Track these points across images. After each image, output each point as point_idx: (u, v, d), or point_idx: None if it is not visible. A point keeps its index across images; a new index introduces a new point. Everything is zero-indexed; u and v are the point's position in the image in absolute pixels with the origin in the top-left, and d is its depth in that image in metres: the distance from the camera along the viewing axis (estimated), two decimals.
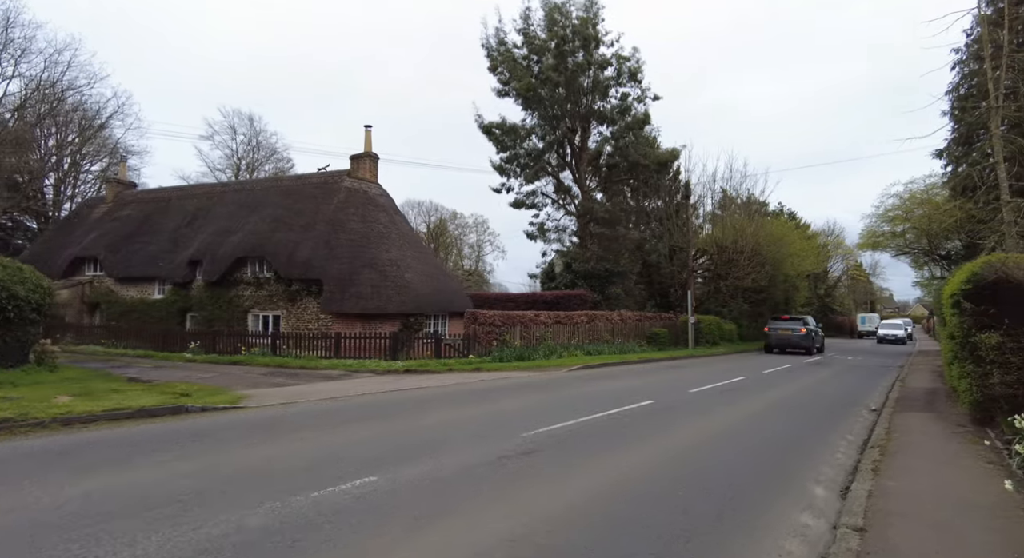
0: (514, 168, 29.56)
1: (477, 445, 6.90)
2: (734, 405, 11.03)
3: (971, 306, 8.44)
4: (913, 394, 12.96)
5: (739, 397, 12.20)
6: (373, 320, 20.84)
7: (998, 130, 18.80)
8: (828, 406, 11.38)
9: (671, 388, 13.24)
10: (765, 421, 9.49)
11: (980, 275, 8.39)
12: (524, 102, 28.27)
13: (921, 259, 35.85)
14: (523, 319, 21.10)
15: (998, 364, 8.11)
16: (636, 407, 10.19)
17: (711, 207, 34.67)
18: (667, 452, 6.98)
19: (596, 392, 12.04)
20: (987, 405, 8.44)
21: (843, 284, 72.62)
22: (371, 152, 24.47)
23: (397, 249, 22.38)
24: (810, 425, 9.28)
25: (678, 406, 10.62)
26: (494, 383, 13.14)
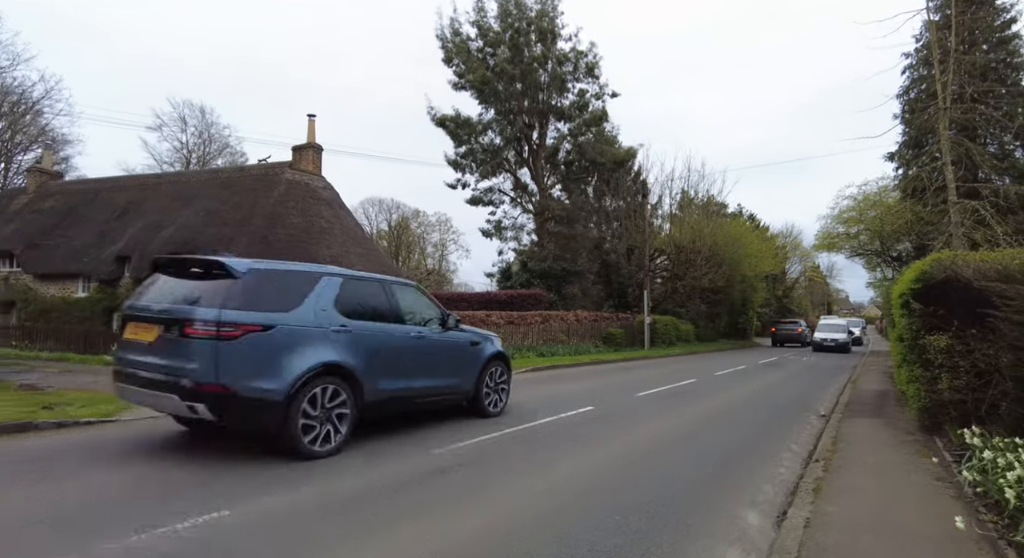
0: (470, 163, 28.69)
1: (380, 465, 5.99)
2: (679, 411, 10.38)
3: (920, 307, 7.94)
4: (863, 397, 12.59)
5: (686, 402, 11.58)
6: None
7: (946, 132, 18.87)
8: (777, 412, 10.84)
9: (618, 392, 12.56)
10: (708, 430, 8.84)
11: (929, 274, 7.90)
12: (479, 95, 27.39)
13: (874, 260, 36.40)
14: (472, 320, 20.18)
15: (947, 368, 7.61)
16: (573, 415, 9.42)
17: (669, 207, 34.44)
18: (586, 471, 6.19)
19: (536, 398, 11.24)
20: (935, 411, 7.95)
21: (801, 285, 74.07)
22: (314, 143, 23.22)
23: (340, 245, 21.21)
24: (755, 434, 8.67)
25: (618, 413, 9.90)
26: None
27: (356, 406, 6.49)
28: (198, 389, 5.48)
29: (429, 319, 7.99)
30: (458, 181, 28.88)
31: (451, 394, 8.30)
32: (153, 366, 5.79)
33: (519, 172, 30.36)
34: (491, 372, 8.95)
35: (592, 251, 30.66)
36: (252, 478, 5.40)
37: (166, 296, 6.11)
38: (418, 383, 7.55)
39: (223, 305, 5.66)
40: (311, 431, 6.01)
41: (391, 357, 7.09)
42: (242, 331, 5.65)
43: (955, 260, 7.81)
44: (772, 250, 44.32)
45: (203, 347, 5.50)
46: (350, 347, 6.49)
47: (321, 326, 6.31)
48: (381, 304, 7.33)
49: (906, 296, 8.08)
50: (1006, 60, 28.59)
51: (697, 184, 34.07)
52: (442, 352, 8.04)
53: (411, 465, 5.99)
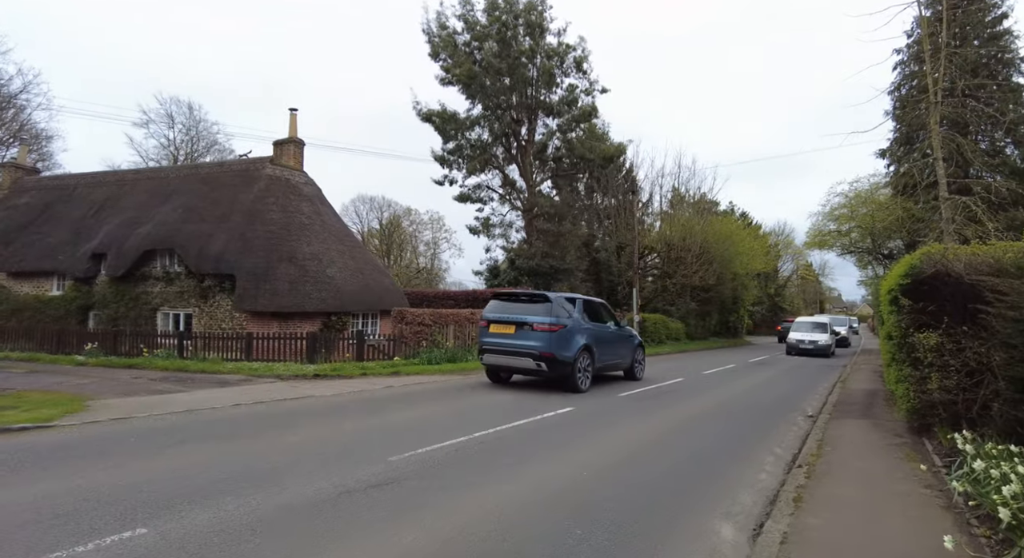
0: (457, 159, 28.20)
1: (324, 474, 5.56)
2: (662, 411, 9.99)
3: (909, 303, 7.57)
4: (852, 397, 12.25)
5: (672, 401, 11.19)
6: (291, 319, 19.17)
7: (937, 126, 18.57)
8: (763, 413, 10.47)
9: (601, 391, 12.15)
10: (692, 432, 8.45)
11: (919, 268, 7.54)
12: (466, 90, 26.90)
13: (865, 258, 36.18)
14: (457, 318, 19.77)
15: (937, 367, 7.25)
16: (551, 416, 9.02)
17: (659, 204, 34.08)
18: (558, 477, 5.78)
19: (514, 399, 10.83)
20: (925, 412, 7.59)
21: (793, 283, 73.99)
22: (296, 137, 22.69)
23: (320, 242, 20.72)
24: (739, 436, 8.28)
25: (599, 414, 9.50)
26: (404, 390, 11.78)
27: (592, 367, 12.20)
28: (541, 355, 11.42)
29: (611, 320, 13.81)
30: (445, 177, 28.41)
31: (622, 366, 14.01)
32: (515, 345, 11.72)
33: (507, 168, 29.90)
34: (637, 353, 14.48)
35: (581, 248, 30.27)
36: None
37: (512, 310, 12.14)
38: (611, 358, 13.27)
39: (548, 315, 11.58)
40: (580, 378, 11.74)
41: (603, 342, 12.78)
42: (559, 328, 11.56)
43: (945, 254, 7.45)
44: (764, 248, 44.07)
45: (544, 335, 11.47)
46: (591, 336, 12.30)
47: (580, 325, 12.22)
48: (595, 312, 13.29)
49: (895, 292, 7.71)
50: (997, 56, 28.40)
51: (687, 181, 33.78)
52: (619, 340, 13.72)
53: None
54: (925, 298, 7.51)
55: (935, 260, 7.46)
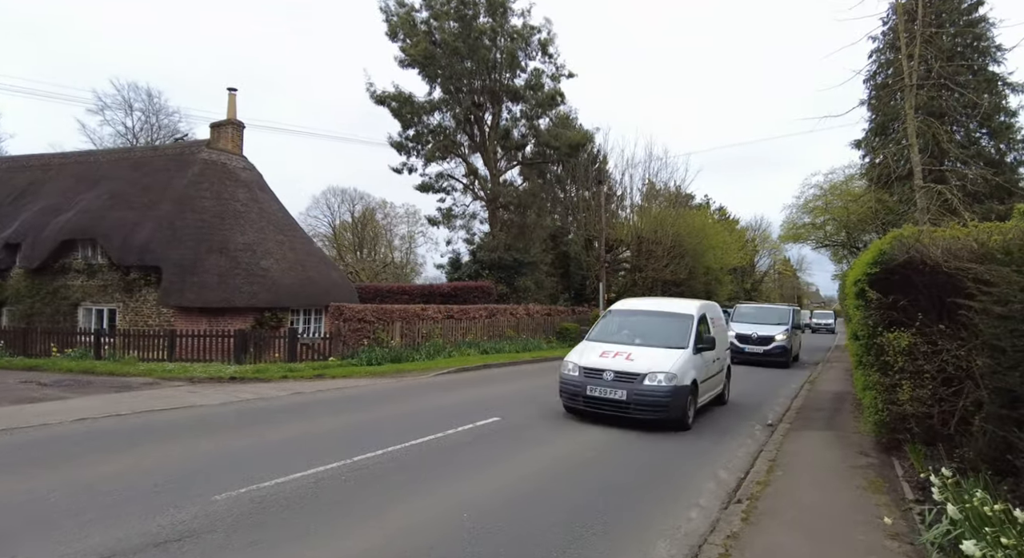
0: (417, 146, 26.67)
1: (109, 523, 4.16)
2: (602, 424, 8.72)
3: (878, 296, 6.36)
4: (819, 401, 11.12)
5: None
6: (221, 315, 17.58)
7: (912, 112, 17.59)
8: (717, 421, 9.26)
9: (543, 396, 10.83)
10: (626, 449, 7.17)
11: (889, 255, 6.32)
12: (425, 72, 25.35)
13: (840, 252, 35.44)
14: (405, 314, 18.35)
15: (909, 374, 6.05)
16: (466, 430, 7.69)
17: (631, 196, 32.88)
18: (431, 524, 4.45)
19: (440, 406, 9.48)
20: (895, 426, 6.40)
21: (770, 279, 73.66)
22: (235, 119, 21.01)
23: (256, 232, 19.11)
24: (681, 453, 7.04)
25: (527, 426, 8.19)
26: (319, 396, 10.35)
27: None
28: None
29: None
30: (404, 165, 26.82)
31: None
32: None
33: (471, 157, 28.43)
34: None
35: (548, 241, 28.96)
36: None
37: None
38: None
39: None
40: None
41: None
42: None
43: (920, 238, 6.24)
44: (739, 242, 43.22)
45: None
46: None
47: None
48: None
49: (861, 283, 6.50)
50: (972, 44, 27.67)
51: (658, 171, 32.66)
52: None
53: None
54: (896, 290, 6.31)
55: (908, 245, 6.25)
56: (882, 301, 6.30)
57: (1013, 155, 26.94)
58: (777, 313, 20.35)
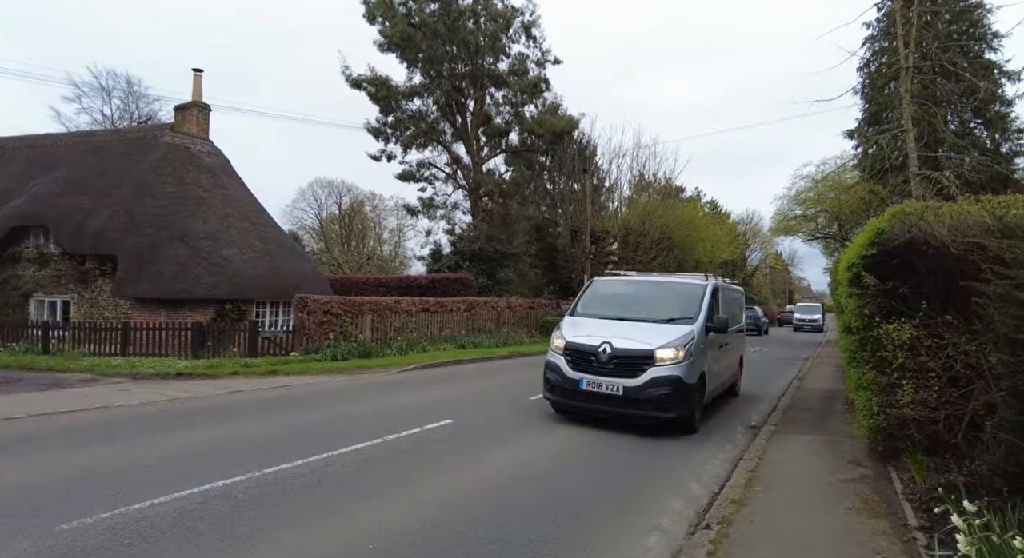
0: (395, 132, 25.65)
1: None
2: (567, 423, 7.86)
3: (875, 282, 5.50)
4: (808, 400, 10.31)
5: None
6: (180, 307, 16.60)
7: (908, 95, 16.79)
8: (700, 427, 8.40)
9: (506, 397, 9.99)
10: (587, 458, 6.31)
11: (888, 235, 5.46)
12: (402, 54, 24.31)
13: (832, 245, 34.74)
14: (376, 306, 17.41)
15: (910, 372, 5.21)
16: (409, 435, 6.80)
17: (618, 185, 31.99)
18: (339, 550, 3.56)
19: (391, 407, 8.60)
20: (893, 433, 5.56)
21: (762, 273, 73.15)
22: (200, 102, 19.94)
23: (219, 219, 18.10)
24: (653, 459, 6.19)
25: (480, 430, 7.32)
26: (259, 395, 9.43)
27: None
28: None
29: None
30: (382, 152, 25.82)
31: None
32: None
33: (454, 146, 27.47)
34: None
35: (533, 232, 28.04)
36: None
37: None
38: None
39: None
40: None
41: None
42: None
43: (924, 214, 5.38)
44: (730, 235, 42.46)
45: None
46: None
47: None
48: None
49: (856, 267, 5.64)
50: (968, 30, 26.89)
51: (646, 160, 31.66)
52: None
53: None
54: (896, 275, 5.46)
55: (910, 223, 5.39)
56: (880, 288, 5.44)
57: (1008, 145, 26.22)
58: (673, 295, 9.02)
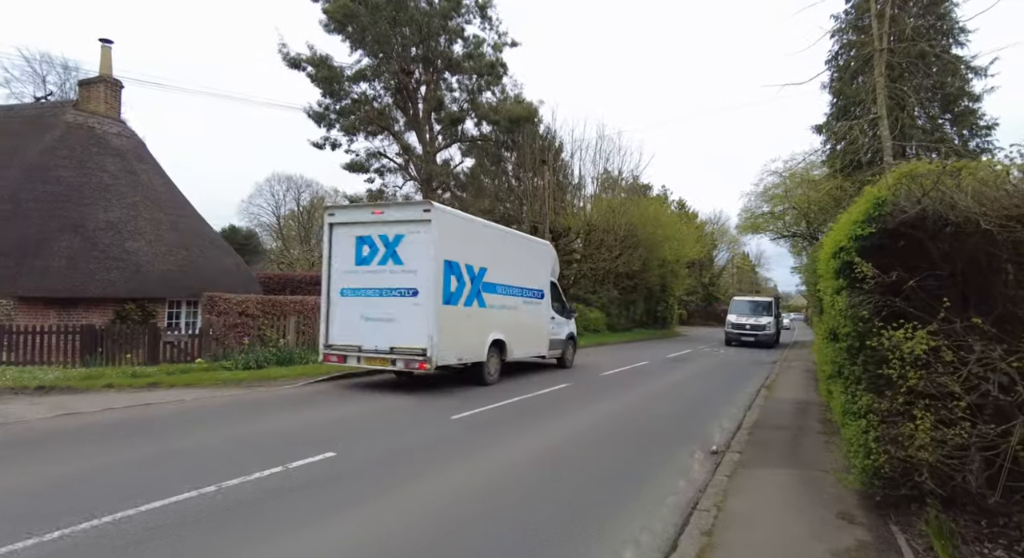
0: (340, 119, 23.68)
1: None
2: (485, 454, 6.24)
3: (873, 273, 3.99)
4: (777, 414, 8.89)
5: (516, 429, 7.47)
6: (73, 307, 14.45)
7: (882, 78, 15.73)
8: (645, 446, 6.88)
9: (424, 414, 8.31)
10: (485, 514, 4.67)
11: (891, 207, 3.96)
12: (346, 33, 22.36)
13: (800, 244, 33.99)
14: (303, 307, 15.52)
15: (926, 398, 3.71)
16: (267, 476, 5.08)
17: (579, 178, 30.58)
18: None
19: (265, 434, 6.85)
20: (897, 480, 4.06)
21: (729, 273, 73.00)
22: (109, 76, 17.71)
23: (125, 208, 15.96)
24: (584, 501, 4.59)
25: (363, 469, 5.61)
26: (105, 418, 7.54)
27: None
28: None
29: None
30: (326, 139, 23.79)
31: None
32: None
33: (407, 135, 25.58)
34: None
35: None
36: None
37: None
38: None
39: None
40: None
41: None
42: None
43: (941, 178, 3.89)
44: (696, 234, 41.54)
45: None
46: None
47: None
48: None
49: (847, 253, 4.14)
50: (936, 24, 26.28)
51: (610, 154, 30.34)
52: None
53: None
54: (902, 263, 3.97)
55: (921, 192, 3.90)
56: (881, 280, 3.94)
57: (976, 141, 25.67)
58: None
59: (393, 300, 9.71)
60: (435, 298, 9.43)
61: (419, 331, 9.35)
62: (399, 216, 9.80)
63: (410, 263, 9.58)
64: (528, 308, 12.95)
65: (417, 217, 9.60)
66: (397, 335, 9.57)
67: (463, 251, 10.29)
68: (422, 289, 9.46)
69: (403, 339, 9.51)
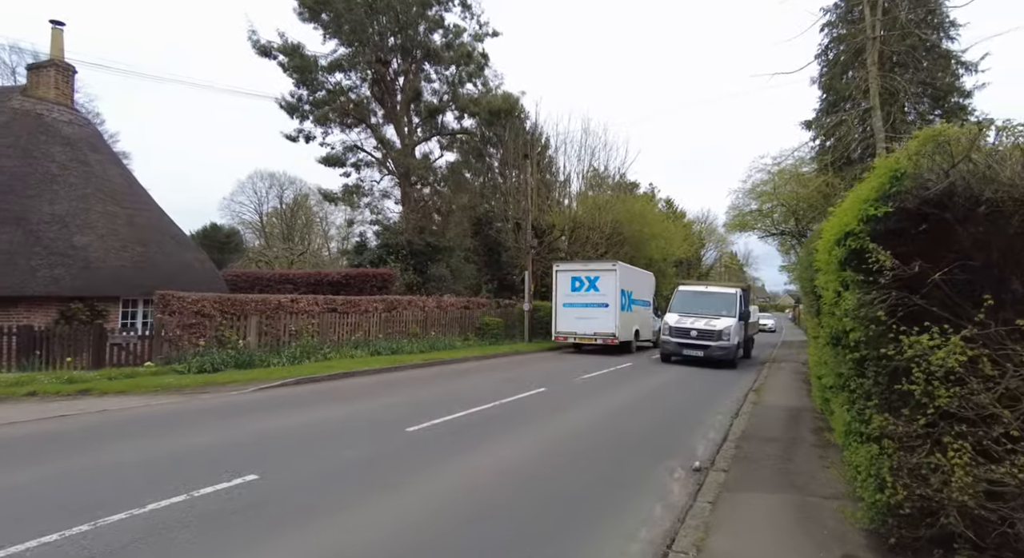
0: (315, 110, 22.70)
1: None
2: (433, 472, 5.41)
3: (893, 265, 3.21)
4: (767, 423, 8.14)
5: (473, 445, 6.63)
6: (14, 306, 13.44)
7: (875, 66, 15.10)
8: (622, 462, 6.09)
9: (373, 429, 7.44)
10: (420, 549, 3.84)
11: (913, 181, 3.17)
12: (319, 21, 21.40)
13: (788, 242, 33.51)
14: (265, 306, 14.57)
15: (962, 422, 2.93)
16: (131, 519, 4.20)
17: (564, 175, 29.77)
18: None
19: (179, 452, 5.96)
20: (916, 520, 3.28)
21: (716, 272, 72.63)
22: (61, 61, 16.64)
23: (75, 200, 14.92)
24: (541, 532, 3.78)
25: (283, 498, 4.75)
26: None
27: None
28: None
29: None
30: (299, 131, 22.80)
31: None
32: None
33: (384, 128, 24.64)
34: None
35: (472, 224, 25.52)
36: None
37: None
38: None
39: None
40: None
41: None
42: None
43: (973, 143, 3.11)
44: (684, 232, 40.91)
45: None
46: None
47: None
48: None
49: (858, 238, 3.35)
50: (926, 18, 25.80)
51: (596, 149, 29.55)
52: None
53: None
54: (922, 252, 3.19)
55: (948, 162, 3.12)
56: (900, 272, 3.16)
57: None
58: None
59: (595, 309, 18.75)
60: (616, 307, 18.51)
61: (610, 325, 18.40)
62: (596, 267, 19.43)
63: (603, 290, 18.77)
64: (644, 311, 21.61)
65: (608, 268, 19.20)
66: (598, 327, 18.62)
67: (625, 283, 19.30)
68: (610, 303, 18.57)
69: (601, 328, 18.56)
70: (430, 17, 22.05)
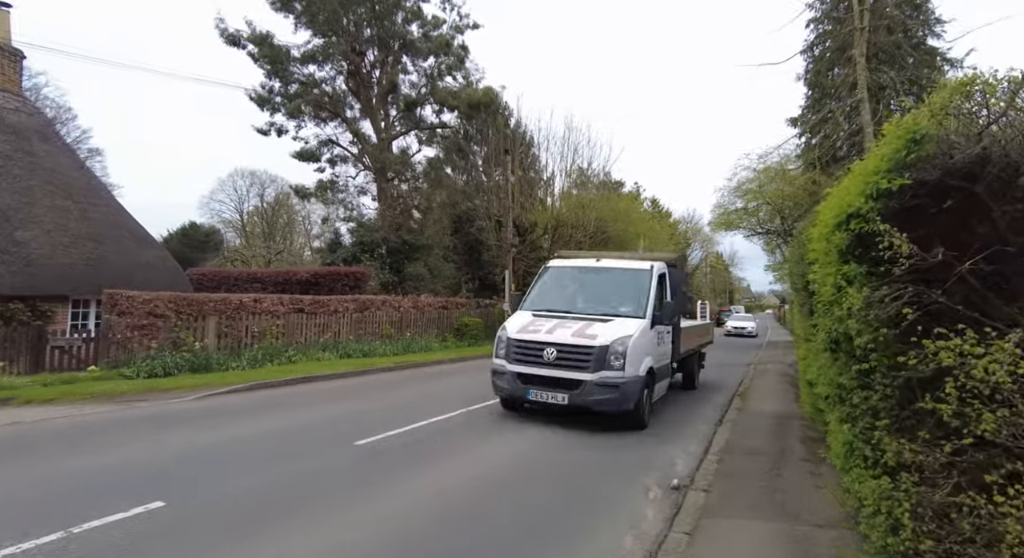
0: (285, 102, 21.82)
1: None
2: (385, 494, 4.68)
3: (911, 252, 2.54)
4: (753, 432, 7.52)
5: (422, 465, 5.92)
6: None
7: (863, 58, 14.66)
8: (585, 485, 5.40)
9: (319, 443, 6.69)
10: None
11: (939, 148, 2.49)
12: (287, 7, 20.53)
13: (774, 241, 33.13)
14: (226, 306, 13.73)
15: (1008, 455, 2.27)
16: (36, 549, 3.43)
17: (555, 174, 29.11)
18: None
19: (74, 474, 5.18)
20: None
21: (702, 272, 72.52)
22: (7, 45, 15.62)
23: (18, 193, 13.93)
24: None
25: (204, 519, 4.01)
26: None
27: None
28: None
29: None
30: (271, 125, 21.90)
31: None
32: None
33: (361, 122, 23.78)
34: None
35: (454, 222, 24.74)
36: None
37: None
38: None
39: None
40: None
41: None
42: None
43: (1014, 97, 2.47)
44: (669, 232, 40.52)
45: None
46: None
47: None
48: None
49: (864, 221, 2.68)
50: (912, 15, 25.54)
51: (579, 145, 28.90)
52: None
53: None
54: (949, 232, 2.54)
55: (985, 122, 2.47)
56: (919, 261, 2.50)
57: None
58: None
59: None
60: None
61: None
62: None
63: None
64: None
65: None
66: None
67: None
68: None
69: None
70: (407, 7, 21.28)
